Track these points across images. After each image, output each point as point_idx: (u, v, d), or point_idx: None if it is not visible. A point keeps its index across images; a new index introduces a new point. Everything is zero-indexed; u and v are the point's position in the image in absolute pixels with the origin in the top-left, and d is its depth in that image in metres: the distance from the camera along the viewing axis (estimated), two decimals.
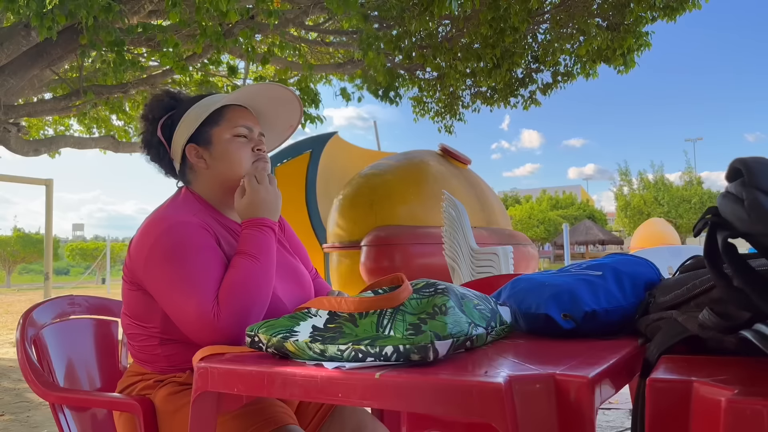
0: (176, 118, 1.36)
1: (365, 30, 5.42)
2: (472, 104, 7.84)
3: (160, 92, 1.41)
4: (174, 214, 1.25)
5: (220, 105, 1.34)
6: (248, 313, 1.15)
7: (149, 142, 1.38)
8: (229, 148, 1.33)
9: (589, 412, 0.67)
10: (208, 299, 1.14)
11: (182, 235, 1.20)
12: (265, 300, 1.19)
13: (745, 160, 0.70)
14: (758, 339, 0.62)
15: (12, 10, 4.05)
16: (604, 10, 6.37)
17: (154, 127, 1.36)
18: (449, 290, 0.93)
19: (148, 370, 1.30)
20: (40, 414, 3.65)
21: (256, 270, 1.19)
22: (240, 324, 1.14)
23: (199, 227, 1.23)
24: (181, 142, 1.34)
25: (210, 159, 1.33)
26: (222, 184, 1.34)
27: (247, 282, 1.17)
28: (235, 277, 1.17)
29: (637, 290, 1.03)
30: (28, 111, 6.08)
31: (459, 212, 3.88)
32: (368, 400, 0.77)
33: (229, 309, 1.14)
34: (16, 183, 9.29)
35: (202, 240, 1.22)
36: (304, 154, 6.44)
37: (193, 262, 1.18)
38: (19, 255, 30.61)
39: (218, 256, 1.22)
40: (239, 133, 1.34)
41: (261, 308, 1.18)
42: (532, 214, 38.95)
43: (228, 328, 1.13)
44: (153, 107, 1.38)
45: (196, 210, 1.30)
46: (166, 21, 5.62)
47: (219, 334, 1.13)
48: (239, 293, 1.15)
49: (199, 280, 1.16)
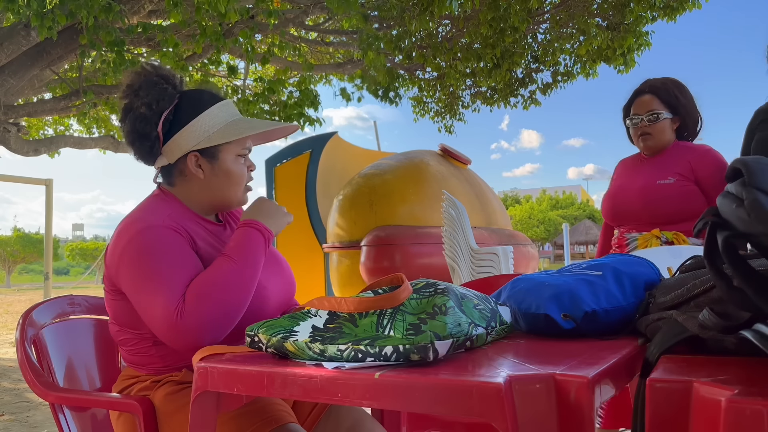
0: (181, 118, 1.30)
1: (365, 30, 5.42)
2: (472, 104, 7.85)
3: (156, 76, 1.30)
4: (147, 217, 1.24)
5: (246, 135, 1.30)
6: (214, 313, 1.12)
7: (144, 134, 1.28)
8: (233, 168, 1.32)
9: (589, 412, 0.67)
10: (174, 298, 1.13)
11: (152, 238, 1.19)
12: (235, 301, 1.15)
13: (745, 160, 0.70)
14: (758, 339, 0.62)
15: (12, 10, 4.05)
16: (604, 10, 6.37)
17: (155, 119, 1.28)
18: (449, 290, 0.93)
19: (142, 372, 1.30)
20: (40, 414, 3.65)
21: (230, 270, 1.17)
22: (204, 324, 1.11)
23: (170, 230, 1.22)
24: (185, 148, 1.29)
25: (210, 172, 1.31)
26: (213, 196, 1.33)
27: (217, 281, 1.15)
28: (205, 275, 1.16)
29: (637, 290, 1.03)
30: (28, 111, 6.08)
31: (459, 212, 3.88)
32: (368, 400, 0.77)
33: (193, 308, 1.12)
34: (16, 183, 9.29)
35: (173, 242, 1.20)
36: (304, 154, 6.44)
37: (162, 263, 1.17)
38: (19, 255, 30.62)
39: (189, 257, 1.20)
40: (243, 153, 1.35)
41: (230, 309, 1.15)
42: (532, 214, 38.96)
43: (191, 327, 1.11)
44: (156, 96, 1.28)
45: (172, 212, 1.28)
46: (166, 21, 5.63)
47: (182, 333, 1.11)
48: (206, 292, 1.13)
49: (167, 280, 1.15)
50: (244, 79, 7.43)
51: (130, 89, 1.30)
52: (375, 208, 5.10)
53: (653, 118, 2.24)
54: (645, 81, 2.33)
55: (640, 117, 2.26)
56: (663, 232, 2.15)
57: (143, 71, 1.31)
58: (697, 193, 2.18)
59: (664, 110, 2.24)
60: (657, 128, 2.24)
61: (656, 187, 2.20)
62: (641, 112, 2.26)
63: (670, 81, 2.31)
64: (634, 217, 2.24)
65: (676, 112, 2.26)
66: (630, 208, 2.25)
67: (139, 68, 1.33)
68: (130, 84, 1.30)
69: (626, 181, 2.32)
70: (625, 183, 2.31)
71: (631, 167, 2.37)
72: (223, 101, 1.35)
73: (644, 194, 2.21)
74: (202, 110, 1.30)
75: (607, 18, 6.43)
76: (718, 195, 2.15)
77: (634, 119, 2.28)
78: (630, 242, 2.21)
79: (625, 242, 2.24)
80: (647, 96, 2.27)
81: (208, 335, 1.12)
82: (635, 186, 2.25)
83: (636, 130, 2.28)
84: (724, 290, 0.71)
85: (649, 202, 2.19)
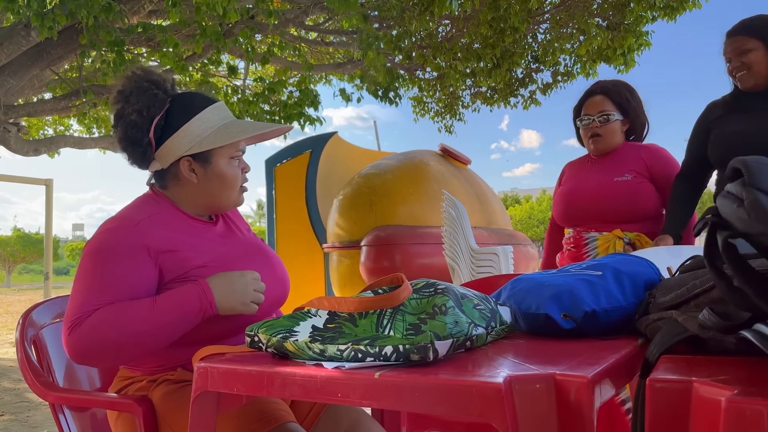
0: (173, 123, 1.29)
1: (365, 30, 5.42)
2: (472, 104, 7.84)
3: (147, 81, 1.29)
4: (126, 215, 1.25)
5: (237, 140, 1.29)
6: (97, 346, 1.13)
7: (136, 140, 1.28)
8: (227, 171, 1.32)
9: (589, 412, 0.67)
10: (84, 309, 1.14)
11: (111, 242, 1.20)
12: (126, 344, 1.14)
13: (745, 160, 0.70)
14: (758, 339, 0.62)
15: (12, 10, 4.05)
16: (604, 10, 6.37)
17: (146, 126, 1.28)
18: (449, 290, 0.93)
19: (137, 373, 1.30)
20: (40, 414, 3.65)
21: (142, 317, 1.15)
22: (83, 349, 1.12)
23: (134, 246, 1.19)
24: (177, 153, 1.29)
25: (203, 176, 1.31)
26: (206, 198, 1.33)
27: (122, 320, 1.14)
28: (119, 308, 1.15)
29: (637, 290, 1.03)
30: (28, 111, 6.08)
31: (459, 212, 3.87)
32: (368, 400, 0.77)
33: (86, 330, 1.13)
34: (16, 183, 9.29)
35: (127, 257, 1.19)
36: (304, 154, 6.43)
37: (104, 271, 1.18)
38: (19, 255, 30.62)
39: (129, 279, 1.18)
40: (236, 156, 1.34)
41: (117, 349, 1.14)
42: (532, 214, 38.96)
43: (73, 344, 1.13)
44: (146, 102, 1.28)
45: (157, 212, 1.28)
46: (166, 21, 5.62)
47: (66, 344, 1.14)
48: (104, 324, 1.13)
49: (95, 289, 1.16)
50: (244, 79, 7.43)
51: (121, 95, 1.29)
52: (375, 208, 5.10)
53: (604, 119, 2.22)
54: (596, 82, 2.32)
55: (591, 118, 2.24)
56: (625, 233, 2.12)
57: (134, 76, 1.30)
58: (653, 190, 2.16)
59: (615, 111, 2.22)
60: (607, 129, 2.22)
61: (614, 185, 2.17)
62: (592, 112, 2.24)
63: (621, 83, 2.30)
64: (591, 216, 2.21)
65: (626, 114, 2.25)
66: (586, 207, 2.21)
67: (129, 73, 1.32)
68: (121, 90, 1.30)
69: (579, 181, 2.29)
70: (579, 183, 2.28)
71: (581, 169, 2.35)
72: (215, 104, 1.34)
73: (602, 192, 2.18)
74: (193, 114, 1.30)
75: (607, 18, 6.43)
76: (669, 193, 2.12)
77: (585, 120, 2.26)
78: (589, 242, 2.18)
79: (583, 242, 2.20)
80: (599, 97, 2.25)
81: (83, 358, 1.15)
82: (590, 185, 2.22)
83: (587, 131, 2.26)
84: (724, 290, 0.71)
85: (607, 199, 2.16)
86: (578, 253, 2.20)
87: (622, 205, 2.15)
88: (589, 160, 2.33)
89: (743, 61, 2.04)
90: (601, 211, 2.17)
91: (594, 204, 2.19)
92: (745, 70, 2.04)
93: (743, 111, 2.07)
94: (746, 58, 2.03)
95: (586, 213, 2.21)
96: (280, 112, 6.49)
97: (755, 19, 2.06)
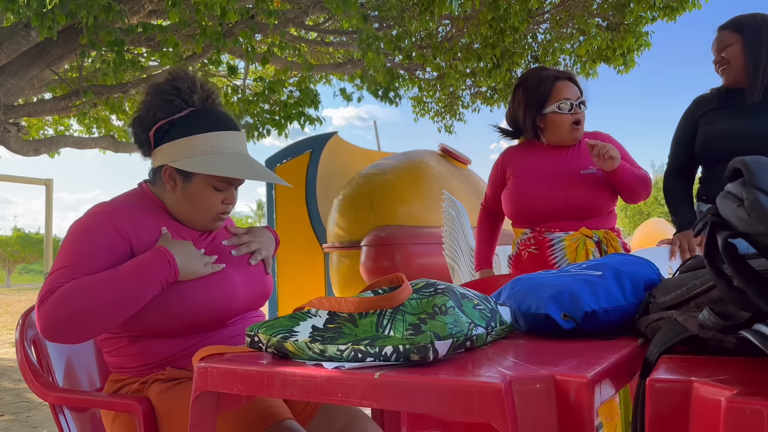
0: (176, 132, 1.32)
1: (365, 30, 5.42)
2: (472, 104, 7.84)
3: (169, 86, 1.35)
4: (107, 202, 1.33)
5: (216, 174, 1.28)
6: (64, 317, 1.14)
7: (137, 133, 1.38)
8: (202, 196, 1.33)
9: (589, 412, 0.67)
10: (55, 284, 1.17)
11: (89, 224, 1.25)
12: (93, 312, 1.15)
13: (745, 160, 0.70)
14: (758, 339, 0.62)
15: (12, 10, 4.05)
16: (604, 10, 6.37)
17: (149, 125, 1.34)
18: (449, 290, 0.93)
19: (126, 375, 1.31)
20: (40, 414, 3.65)
21: (106, 285, 1.17)
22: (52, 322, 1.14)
23: (112, 227, 1.24)
24: (165, 159, 1.33)
25: (180, 189, 1.33)
26: (176, 209, 1.36)
27: (88, 290, 1.16)
28: (85, 280, 1.17)
29: (637, 290, 1.03)
30: (28, 111, 6.07)
31: (459, 212, 3.87)
32: (368, 400, 0.77)
33: (54, 302, 1.15)
34: (16, 183, 9.30)
35: (104, 236, 1.23)
36: (303, 154, 6.43)
37: (80, 248, 1.21)
38: (19, 255, 30.62)
39: (106, 257, 1.22)
40: (219, 188, 1.34)
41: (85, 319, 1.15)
42: None
43: (42, 316, 1.15)
44: (157, 105, 1.33)
45: (142, 200, 1.35)
46: (166, 21, 5.62)
47: (38, 318, 1.17)
48: (71, 295, 1.15)
49: (69, 264, 1.20)
50: (244, 79, 7.43)
51: (150, 88, 1.38)
52: (375, 208, 5.10)
53: (584, 106, 2.04)
54: (557, 69, 2.11)
55: (573, 103, 2.00)
56: (593, 231, 1.96)
57: (167, 77, 1.38)
58: (611, 183, 1.98)
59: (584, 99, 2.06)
60: (584, 116, 2.05)
61: (581, 178, 1.97)
62: (574, 98, 2.01)
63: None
64: (553, 214, 1.99)
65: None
66: (549, 203, 1.98)
67: (169, 72, 1.39)
68: (152, 83, 1.38)
69: (535, 174, 2.04)
70: (536, 177, 2.03)
71: (531, 158, 2.08)
72: (232, 132, 1.34)
73: (569, 186, 1.97)
74: (197, 132, 1.31)
75: (607, 18, 6.43)
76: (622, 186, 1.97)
77: (564, 105, 1.99)
78: (554, 243, 1.97)
79: (548, 243, 1.98)
80: (572, 84, 2.04)
81: (52, 333, 1.16)
82: (552, 179, 2.00)
83: (570, 117, 2.00)
84: (724, 290, 0.71)
85: (575, 195, 1.96)
86: (542, 255, 1.99)
87: (590, 200, 1.97)
88: (538, 148, 2.08)
89: (723, 56, 2.05)
90: (565, 208, 1.97)
91: (559, 200, 1.97)
92: (726, 65, 2.04)
93: (730, 108, 2.07)
94: (726, 52, 2.03)
95: (547, 210, 1.99)
96: (280, 112, 6.49)
97: (742, 16, 2.06)
